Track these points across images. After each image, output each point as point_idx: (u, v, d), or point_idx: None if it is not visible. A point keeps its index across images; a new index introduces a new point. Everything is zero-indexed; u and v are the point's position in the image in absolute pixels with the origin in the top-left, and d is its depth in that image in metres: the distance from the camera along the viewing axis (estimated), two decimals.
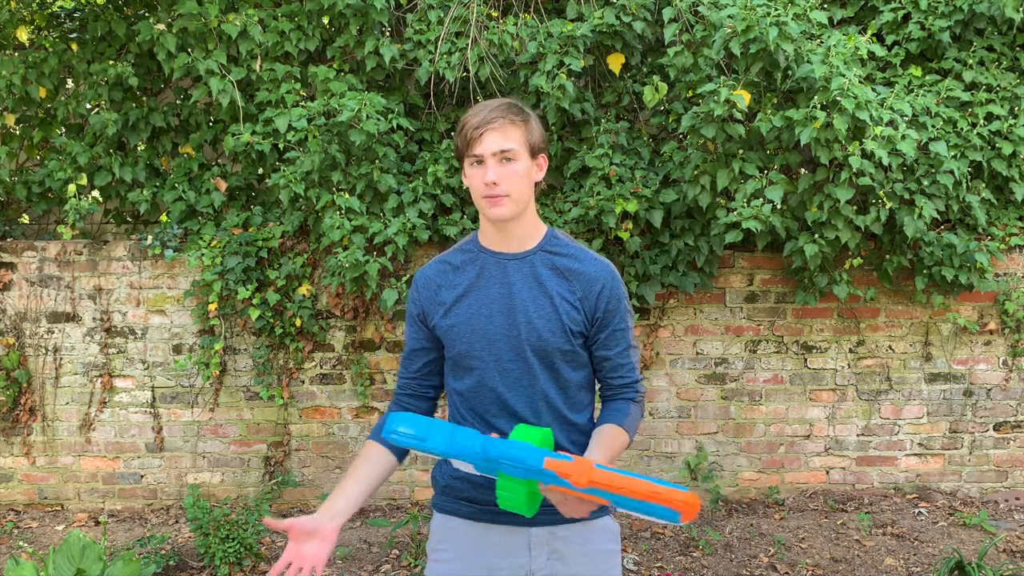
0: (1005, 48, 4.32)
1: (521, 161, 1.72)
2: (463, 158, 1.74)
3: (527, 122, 1.74)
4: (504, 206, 1.71)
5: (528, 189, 1.75)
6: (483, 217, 1.78)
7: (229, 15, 4.26)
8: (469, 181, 1.74)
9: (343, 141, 4.03)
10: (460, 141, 1.73)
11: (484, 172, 1.70)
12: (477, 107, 1.76)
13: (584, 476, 1.49)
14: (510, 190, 1.70)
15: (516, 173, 1.71)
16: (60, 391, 4.42)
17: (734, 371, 4.45)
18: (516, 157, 1.71)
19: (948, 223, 4.26)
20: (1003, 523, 4.21)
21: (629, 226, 4.03)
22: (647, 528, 4.15)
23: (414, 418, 1.61)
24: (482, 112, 1.72)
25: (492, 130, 1.69)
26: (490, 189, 1.69)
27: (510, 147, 1.70)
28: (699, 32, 3.94)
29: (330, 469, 4.47)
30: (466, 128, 1.71)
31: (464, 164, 1.75)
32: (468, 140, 1.70)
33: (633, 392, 1.81)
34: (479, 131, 1.69)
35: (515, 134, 1.71)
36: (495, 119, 1.70)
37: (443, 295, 1.80)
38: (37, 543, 4.05)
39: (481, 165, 1.70)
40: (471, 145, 1.70)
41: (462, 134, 1.72)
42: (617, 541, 1.85)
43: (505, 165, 1.70)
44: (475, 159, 1.71)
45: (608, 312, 1.77)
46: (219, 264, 4.18)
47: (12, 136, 4.63)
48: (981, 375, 4.46)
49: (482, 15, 4.24)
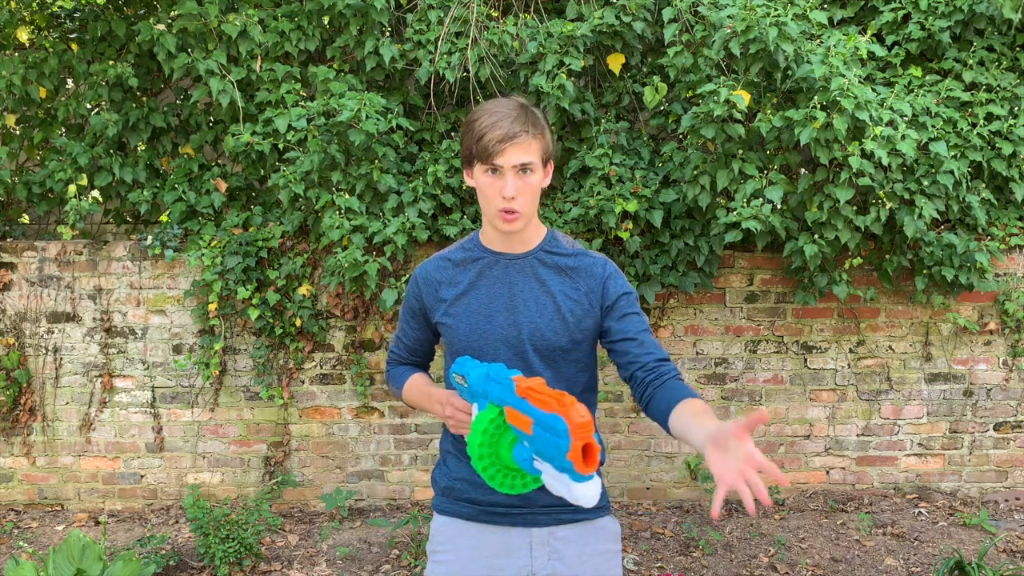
0: (1005, 48, 4.32)
1: (537, 173, 1.71)
2: (475, 162, 1.71)
3: (544, 133, 1.73)
4: (517, 222, 1.71)
5: (537, 200, 1.75)
6: (488, 221, 1.78)
7: (229, 15, 4.26)
8: (481, 188, 1.72)
9: (343, 141, 4.03)
10: (477, 148, 1.69)
11: (502, 184, 1.68)
12: (492, 112, 1.70)
13: (528, 384, 1.45)
14: (524, 207, 1.70)
15: (531, 186, 1.70)
16: (60, 391, 4.42)
17: (734, 371, 4.45)
18: (534, 169, 1.70)
19: (948, 223, 4.26)
20: (1003, 523, 4.21)
21: (629, 226, 4.03)
22: (647, 528, 4.15)
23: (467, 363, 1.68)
24: (503, 123, 1.67)
25: (516, 145, 1.67)
26: (507, 203, 1.68)
27: (531, 160, 1.69)
28: (699, 32, 3.94)
29: (330, 469, 4.47)
30: (487, 139, 1.67)
31: (474, 167, 1.72)
32: (489, 152, 1.67)
33: (674, 369, 1.70)
34: (503, 145, 1.66)
35: (535, 147, 1.70)
36: (519, 134, 1.67)
37: (443, 292, 1.81)
38: (37, 543, 4.05)
39: (497, 175, 1.69)
40: (492, 156, 1.67)
41: (481, 143, 1.68)
42: (618, 541, 1.85)
43: (522, 178, 1.69)
44: (492, 167, 1.68)
45: (618, 299, 1.75)
46: (219, 264, 4.18)
47: (12, 136, 4.63)
48: (981, 375, 4.46)
49: (482, 15, 4.24)
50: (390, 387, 2.02)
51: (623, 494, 4.51)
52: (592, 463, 1.35)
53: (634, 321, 1.74)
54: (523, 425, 1.44)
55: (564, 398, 1.37)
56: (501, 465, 1.56)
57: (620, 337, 1.73)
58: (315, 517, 4.37)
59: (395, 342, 1.98)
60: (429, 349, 1.97)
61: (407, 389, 1.93)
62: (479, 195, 1.75)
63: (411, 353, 1.96)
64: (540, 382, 1.48)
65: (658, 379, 1.66)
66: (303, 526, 4.25)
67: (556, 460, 1.36)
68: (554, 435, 1.35)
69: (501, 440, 1.54)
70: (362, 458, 4.47)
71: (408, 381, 1.93)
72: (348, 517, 4.33)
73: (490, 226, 1.78)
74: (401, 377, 1.96)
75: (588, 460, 1.34)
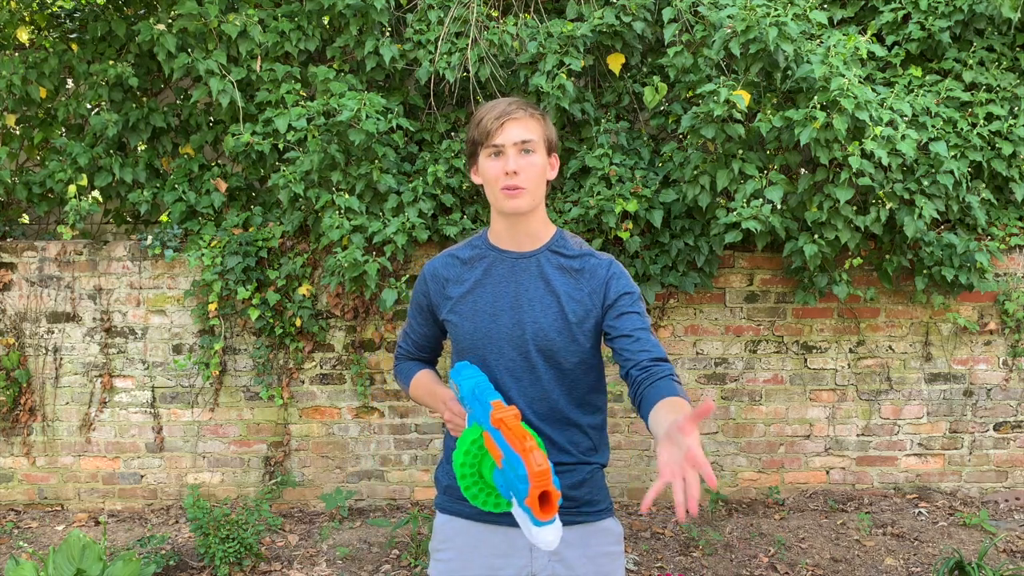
0: (1005, 48, 4.32)
1: (539, 154, 1.73)
2: (479, 150, 1.73)
3: (544, 118, 1.77)
4: (522, 198, 1.71)
5: (543, 184, 1.76)
6: (496, 213, 1.78)
7: (229, 15, 4.26)
8: (485, 174, 1.74)
9: (343, 141, 4.03)
10: (477, 132, 1.72)
11: (504, 162, 1.70)
12: (491, 103, 1.75)
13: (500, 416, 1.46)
14: (528, 183, 1.70)
15: (534, 165, 1.71)
16: (60, 391, 4.42)
17: (734, 371, 4.45)
18: (535, 149, 1.72)
19: (948, 223, 4.26)
20: (1003, 523, 4.21)
21: (629, 226, 4.03)
22: (647, 528, 4.16)
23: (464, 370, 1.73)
24: (500, 105, 1.72)
25: (514, 120, 1.70)
26: (510, 179, 1.69)
27: (530, 138, 1.71)
28: (699, 32, 3.94)
29: (330, 469, 4.47)
30: (486, 119, 1.71)
31: (479, 157, 1.74)
32: (488, 130, 1.70)
33: (668, 369, 1.64)
34: (500, 121, 1.69)
35: (535, 127, 1.72)
36: (516, 110, 1.71)
37: (450, 289, 1.81)
38: (37, 543, 4.05)
39: (499, 156, 1.70)
40: (491, 135, 1.69)
41: (480, 125, 1.71)
42: (620, 543, 1.84)
43: (524, 156, 1.70)
44: (494, 149, 1.70)
45: (619, 298, 1.75)
46: (219, 264, 4.18)
47: (12, 136, 4.63)
48: (981, 375, 4.46)
49: (482, 15, 4.24)
50: (397, 381, 2.02)
51: (623, 494, 4.51)
52: (550, 510, 1.35)
53: (633, 319, 1.73)
54: (495, 455, 1.47)
55: (526, 442, 1.38)
56: (483, 483, 1.58)
57: (617, 334, 1.72)
58: (315, 517, 4.37)
59: (403, 337, 1.99)
60: (436, 345, 1.98)
61: (414, 385, 1.94)
62: (485, 185, 1.75)
63: (419, 348, 1.97)
64: (514, 415, 1.48)
65: (649, 378, 1.62)
66: (303, 526, 4.25)
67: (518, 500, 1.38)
68: (515, 477, 1.36)
69: (484, 460, 1.56)
70: (362, 458, 4.47)
71: (415, 378, 1.94)
72: (348, 517, 4.33)
73: (500, 221, 1.78)
74: (409, 373, 1.97)
75: (546, 507, 1.35)
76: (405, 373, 1.98)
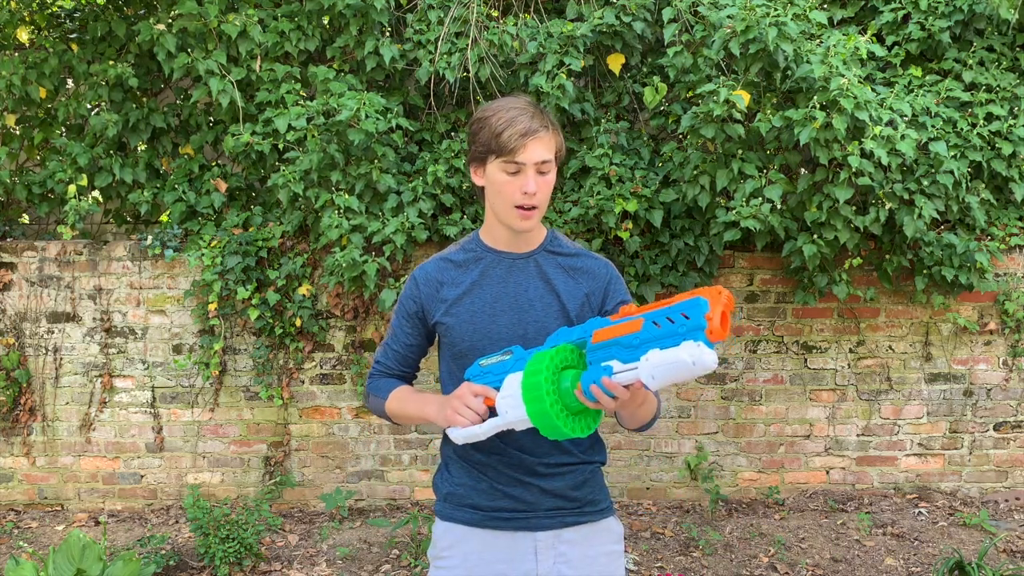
0: (1005, 48, 4.32)
1: (553, 172, 1.72)
2: (491, 158, 1.69)
3: (558, 131, 1.74)
4: (534, 219, 1.71)
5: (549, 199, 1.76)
6: (496, 220, 1.76)
7: (229, 15, 4.26)
8: (498, 187, 1.70)
9: (342, 141, 4.03)
10: (496, 143, 1.67)
11: (523, 182, 1.67)
12: (508, 108, 1.69)
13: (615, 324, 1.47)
14: (542, 203, 1.71)
15: (549, 184, 1.71)
16: (60, 391, 4.42)
17: (734, 371, 4.45)
18: (551, 168, 1.71)
19: (948, 223, 4.26)
20: (1003, 523, 4.21)
21: (629, 226, 4.03)
22: (647, 528, 4.16)
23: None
24: (522, 119, 1.67)
25: (537, 140, 1.67)
26: (528, 199, 1.68)
27: (549, 158, 1.69)
28: (699, 32, 3.94)
29: (330, 469, 4.47)
30: (508, 133, 1.65)
31: (489, 164, 1.70)
32: (511, 147, 1.65)
33: None
34: (525, 140, 1.65)
35: (552, 143, 1.71)
36: (539, 129, 1.67)
37: (445, 292, 1.79)
38: (37, 543, 4.05)
39: (517, 174, 1.68)
40: (514, 152, 1.66)
41: (500, 138, 1.66)
42: (620, 542, 1.85)
43: (541, 177, 1.69)
44: (514, 167, 1.67)
45: (616, 306, 1.76)
46: (219, 264, 4.18)
47: (12, 136, 4.63)
48: (981, 375, 4.46)
49: (482, 15, 4.24)
50: (368, 400, 1.89)
51: (623, 494, 4.51)
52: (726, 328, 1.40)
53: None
54: (629, 328, 1.45)
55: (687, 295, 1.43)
56: (563, 404, 1.52)
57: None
58: (315, 517, 4.37)
59: (383, 351, 1.89)
60: (419, 357, 1.89)
61: (394, 398, 1.82)
62: (491, 193, 1.72)
63: (400, 362, 1.87)
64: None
65: None
66: (303, 526, 4.25)
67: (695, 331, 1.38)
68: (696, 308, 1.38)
69: (562, 376, 1.53)
70: (362, 458, 4.47)
71: (395, 391, 1.83)
72: (348, 517, 4.33)
73: (499, 224, 1.76)
74: (387, 387, 1.85)
75: (724, 325, 1.39)
76: (384, 388, 1.85)
